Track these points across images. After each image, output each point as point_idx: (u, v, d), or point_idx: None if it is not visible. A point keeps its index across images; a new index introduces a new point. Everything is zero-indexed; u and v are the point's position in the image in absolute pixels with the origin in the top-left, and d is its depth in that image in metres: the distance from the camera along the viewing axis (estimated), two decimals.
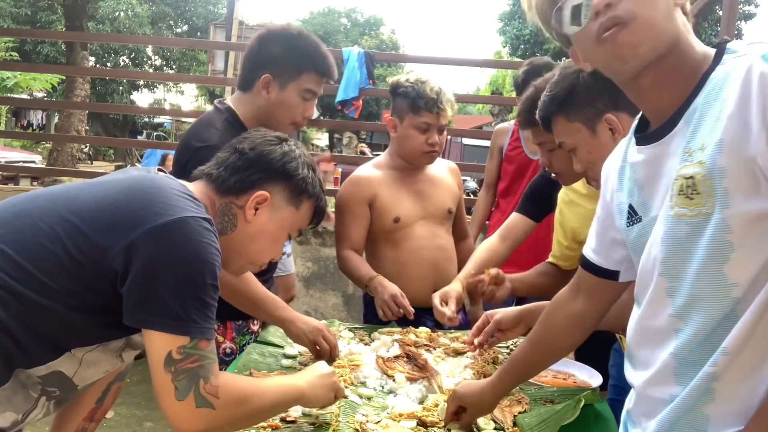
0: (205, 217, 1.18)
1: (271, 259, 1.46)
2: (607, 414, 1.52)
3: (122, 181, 1.26)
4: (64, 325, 1.15)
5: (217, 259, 1.17)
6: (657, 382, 1.00)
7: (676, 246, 0.95)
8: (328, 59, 1.97)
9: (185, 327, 1.10)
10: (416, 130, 2.26)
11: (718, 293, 0.91)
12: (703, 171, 0.90)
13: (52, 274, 1.12)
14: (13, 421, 1.15)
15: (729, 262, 0.89)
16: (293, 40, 1.94)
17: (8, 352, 1.11)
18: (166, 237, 1.12)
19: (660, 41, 0.94)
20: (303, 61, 1.92)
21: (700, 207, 0.91)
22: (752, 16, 22.19)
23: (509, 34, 22.72)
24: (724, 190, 0.88)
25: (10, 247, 1.13)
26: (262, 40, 1.96)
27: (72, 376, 1.22)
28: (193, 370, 1.10)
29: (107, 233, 1.13)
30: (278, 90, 1.91)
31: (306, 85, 1.93)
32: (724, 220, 0.88)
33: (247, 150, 1.38)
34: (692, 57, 0.97)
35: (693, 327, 0.94)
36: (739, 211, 0.87)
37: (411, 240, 2.30)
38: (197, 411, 1.10)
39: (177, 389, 1.09)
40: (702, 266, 0.92)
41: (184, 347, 1.10)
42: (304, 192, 1.40)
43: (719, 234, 0.89)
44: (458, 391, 1.43)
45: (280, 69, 1.91)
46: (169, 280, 1.10)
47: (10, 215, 1.20)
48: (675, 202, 0.94)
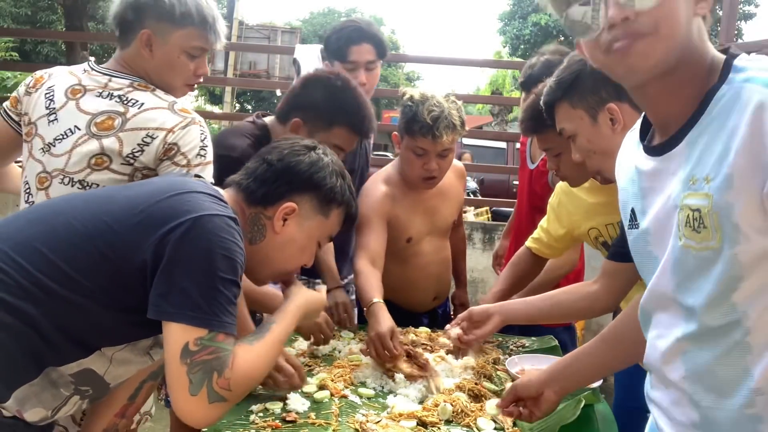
0: (230, 216, 1.21)
1: (304, 266, 1.47)
2: (607, 414, 1.52)
3: (155, 182, 1.30)
4: (93, 323, 1.17)
5: (241, 257, 1.19)
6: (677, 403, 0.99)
7: (687, 277, 0.94)
8: (365, 119, 1.92)
9: (205, 319, 1.12)
10: (412, 154, 2.09)
11: (728, 321, 0.90)
12: (709, 205, 0.87)
13: (85, 271, 1.14)
14: (42, 416, 1.17)
15: (737, 291, 0.89)
16: (335, 89, 1.90)
17: (37, 349, 1.13)
18: (192, 232, 1.14)
19: (673, 55, 0.90)
20: (337, 114, 1.89)
21: (708, 241, 0.89)
22: (752, 16, 22.18)
23: (509, 34, 22.69)
24: (734, 226, 0.86)
25: (44, 244, 1.16)
26: (305, 83, 1.96)
27: (103, 375, 1.24)
28: (209, 363, 1.11)
29: (137, 231, 1.16)
30: (307, 134, 1.86)
31: (335, 140, 1.87)
32: (735, 257, 0.87)
33: (275, 161, 1.39)
34: (702, 69, 0.93)
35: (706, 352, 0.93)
36: (750, 247, 0.86)
37: (419, 257, 2.27)
38: (210, 407, 1.12)
39: (191, 383, 1.10)
40: (711, 298, 0.91)
41: (201, 339, 1.11)
42: (333, 201, 1.41)
43: (731, 269, 0.88)
44: (518, 388, 1.41)
45: (313, 116, 1.89)
46: (192, 274, 1.12)
47: (50, 214, 1.23)
48: (683, 233, 0.92)
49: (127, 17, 1.65)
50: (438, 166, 2.09)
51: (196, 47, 1.68)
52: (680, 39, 0.90)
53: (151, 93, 1.63)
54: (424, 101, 2.03)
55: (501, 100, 10.95)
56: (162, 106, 1.60)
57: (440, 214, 2.30)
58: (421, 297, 2.32)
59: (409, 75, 32.71)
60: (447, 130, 2.01)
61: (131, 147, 1.56)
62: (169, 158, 1.56)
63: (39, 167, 1.61)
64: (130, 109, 1.58)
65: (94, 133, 1.57)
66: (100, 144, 1.56)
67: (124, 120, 1.57)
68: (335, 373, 1.67)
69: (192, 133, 1.58)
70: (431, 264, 2.29)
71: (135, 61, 1.67)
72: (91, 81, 1.64)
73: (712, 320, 0.92)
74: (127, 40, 1.67)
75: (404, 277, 2.26)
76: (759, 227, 0.85)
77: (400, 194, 2.20)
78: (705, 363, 0.93)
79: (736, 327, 0.89)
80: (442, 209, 2.30)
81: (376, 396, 1.59)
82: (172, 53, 1.66)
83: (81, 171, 1.57)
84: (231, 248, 1.17)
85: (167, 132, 1.56)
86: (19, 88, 1.72)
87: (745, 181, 0.84)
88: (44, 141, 1.61)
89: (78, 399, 1.23)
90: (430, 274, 2.29)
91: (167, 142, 1.56)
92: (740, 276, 0.88)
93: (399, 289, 2.23)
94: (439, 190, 2.26)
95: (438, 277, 2.33)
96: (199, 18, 1.65)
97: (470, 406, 1.48)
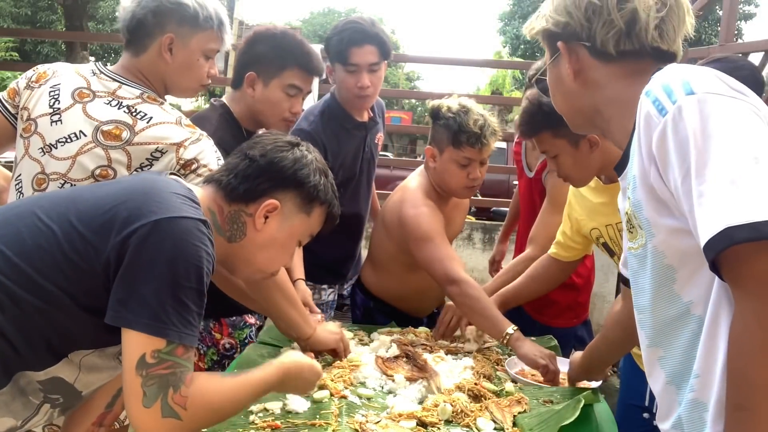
0: (200, 219, 1.15)
1: (283, 266, 1.46)
2: (607, 414, 1.52)
3: (124, 181, 1.25)
4: (60, 328, 1.13)
5: (207, 264, 1.13)
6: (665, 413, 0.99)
7: (634, 278, 1.02)
8: (310, 55, 1.99)
9: (163, 329, 1.06)
10: (456, 165, 2.07)
11: (678, 313, 0.93)
12: (630, 206, 0.98)
13: (49, 275, 1.10)
14: (10, 426, 1.14)
15: (677, 282, 0.93)
16: (276, 38, 1.99)
17: (6, 357, 1.09)
18: (156, 235, 1.09)
19: (578, 120, 1.17)
20: (285, 58, 1.95)
21: (638, 239, 0.98)
22: (752, 16, 22.20)
23: (509, 34, 22.72)
24: (647, 221, 0.94)
25: (9, 248, 1.12)
26: (249, 41, 2.03)
27: (73, 383, 1.20)
28: (164, 377, 1.06)
29: (102, 232, 1.11)
30: (262, 87, 1.97)
31: (289, 80, 1.96)
32: (656, 248, 0.94)
33: (258, 157, 1.34)
34: (619, 104, 1.06)
35: (672, 352, 0.95)
36: (663, 236, 0.93)
37: None
38: (163, 420, 1.06)
39: (145, 395, 1.05)
40: (654, 292, 0.96)
41: (159, 351, 1.06)
42: (315, 199, 1.37)
43: (658, 261, 0.94)
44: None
45: (264, 66, 1.96)
46: (152, 279, 1.07)
47: (13, 216, 1.19)
48: (628, 237, 1.01)
49: (147, 21, 1.64)
50: (481, 174, 2.11)
51: (213, 49, 1.72)
52: (571, 105, 1.15)
53: (159, 107, 1.62)
54: (467, 112, 2.03)
55: (501, 100, 10.91)
56: (170, 120, 1.60)
57: (455, 224, 2.31)
58: (426, 304, 2.35)
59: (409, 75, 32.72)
60: (492, 137, 2.05)
61: (139, 161, 1.55)
62: (192, 171, 1.57)
63: (37, 167, 1.59)
64: (138, 122, 1.57)
65: (101, 142, 1.56)
66: (107, 155, 1.55)
67: (132, 133, 1.56)
68: (335, 373, 1.66)
69: (207, 147, 1.61)
70: None
71: (151, 67, 1.66)
72: (101, 86, 1.62)
73: (661, 313, 0.96)
74: (144, 45, 1.65)
75: (415, 285, 2.24)
76: (660, 214, 0.92)
77: (434, 205, 2.15)
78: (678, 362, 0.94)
79: (687, 317, 0.92)
80: (456, 219, 2.31)
81: (376, 396, 1.59)
82: (192, 56, 1.68)
83: (84, 180, 1.56)
84: (197, 254, 1.11)
85: (178, 146, 1.56)
86: (18, 80, 1.69)
87: (643, 178, 0.93)
88: (44, 141, 1.59)
89: (49, 407, 1.19)
90: (436, 285, 2.23)
91: (182, 157, 1.56)
92: (670, 265, 0.93)
93: (407, 297, 2.26)
94: (454, 201, 2.25)
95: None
96: (218, 21, 1.69)
97: (470, 406, 1.48)
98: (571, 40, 1.08)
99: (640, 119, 0.93)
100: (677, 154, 0.86)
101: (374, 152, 2.52)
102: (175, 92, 1.72)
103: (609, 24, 1.03)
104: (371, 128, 2.46)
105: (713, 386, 0.87)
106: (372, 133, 2.47)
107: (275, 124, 1.98)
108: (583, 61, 1.08)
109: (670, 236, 0.92)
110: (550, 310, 2.40)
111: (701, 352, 0.89)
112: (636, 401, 1.83)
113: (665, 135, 0.87)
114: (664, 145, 0.88)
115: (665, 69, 0.97)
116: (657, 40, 1.03)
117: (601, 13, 1.03)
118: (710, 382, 0.87)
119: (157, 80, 1.68)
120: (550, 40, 1.13)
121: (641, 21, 1.02)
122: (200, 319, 1.13)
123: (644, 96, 0.93)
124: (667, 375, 0.97)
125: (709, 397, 0.88)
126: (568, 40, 1.08)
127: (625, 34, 1.03)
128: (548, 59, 1.15)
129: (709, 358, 0.87)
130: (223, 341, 1.98)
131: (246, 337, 2.02)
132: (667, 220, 0.91)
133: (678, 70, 0.94)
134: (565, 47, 1.09)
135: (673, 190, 0.88)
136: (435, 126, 2.12)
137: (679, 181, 0.86)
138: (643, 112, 0.92)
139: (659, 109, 0.89)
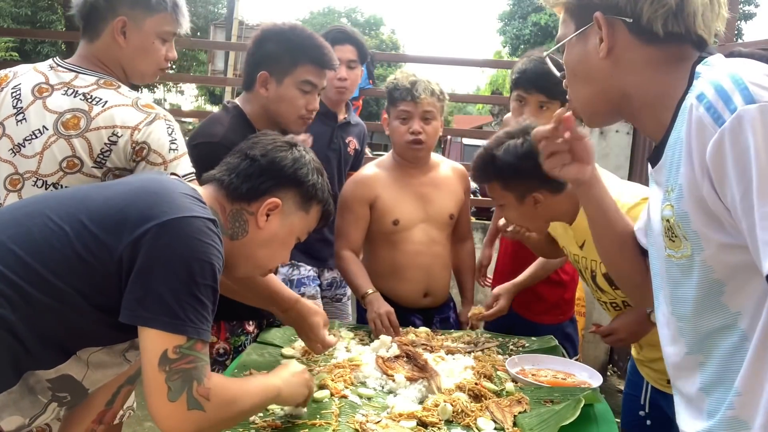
0: (210, 218, 1.18)
1: (281, 263, 1.48)
2: (607, 414, 1.52)
3: (132, 182, 1.27)
4: (71, 326, 1.14)
5: (218, 261, 1.16)
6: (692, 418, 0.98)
7: (675, 287, 0.97)
8: (322, 48, 1.97)
9: (182, 326, 1.09)
10: (398, 121, 2.26)
11: (724, 323, 0.90)
12: (673, 215, 0.92)
13: (61, 274, 1.12)
14: (19, 425, 1.15)
15: (725, 294, 0.89)
16: (285, 34, 1.95)
17: (16, 355, 1.11)
18: (169, 234, 1.12)
19: (600, 106, 1.06)
20: (296, 54, 1.92)
21: (681, 249, 0.92)
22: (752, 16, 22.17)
23: (509, 34, 22.69)
24: (695, 234, 0.89)
25: (20, 247, 1.13)
26: (257, 40, 1.99)
27: (81, 380, 1.22)
28: (188, 371, 1.09)
29: (114, 232, 1.13)
30: (276, 86, 1.93)
31: (303, 77, 1.93)
32: (704, 262, 0.89)
33: (258, 156, 1.38)
34: (655, 92, 0.98)
35: (711, 360, 0.93)
36: (713, 251, 0.88)
37: (409, 244, 2.29)
38: (188, 413, 1.09)
39: (170, 390, 1.08)
40: (700, 302, 0.92)
41: (180, 347, 1.09)
42: (313, 197, 1.42)
43: (706, 274, 0.90)
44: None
45: (276, 65, 1.92)
46: (168, 278, 1.10)
47: (22, 216, 1.20)
48: (666, 244, 0.96)
49: (99, 5, 1.63)
50: (423, 130, 2.23)
51: (169, 32, 1.70)
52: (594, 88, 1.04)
53: (115, 90, 1.60)
54: (401, 75, 2.29)
55: (501, 100, 10.83)
56: (125, 103, 1.57)
57: (434, 204, 2.33)
58: (409, 288, 2.31)
59: None
60: (426, 92, 2.21)
61: (99, 147, 1.54)
62: (143, 158, 1.54)
63: (9, 169, 1.58)
64: (93, 107, 1.55)
65: (62, 133, 1.55)
66: (71, 145, 1.54)
67: (89, 119, 1.54)
68: (335, 373, 1.67)
69: (159, 129, 1.56)
70: (421, 253, 2.30)
71: (106, 52, 1.65)
72: (57, 78, 1.61)
73: (706, 322, 0.92)
74: (97, 30, 1.65)
75: (392, 262, 2.29)
76: (712, 229, 0.87)
77: (389, 176, 2.32)
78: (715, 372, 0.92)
79: (733, 328, 0.89)
80: (436, 199, 2.33)
81: (376, 396, 1.59)
82: (146, 39, 1.67)
83: (54, 174, 1.55)
84: (209, 252, 1.14)
85: (132, 130, 1.54)
86: None
87: (692, 189, 0.87)
88: (13, 142, 1.58)
89: (56, 406, 1.21)
90: (419, 263, 2.29)
91: (135, 141, 1.53)
92: (719, 280, 0.89)
93: (386, 276, 2.27)
94: (433, 180, 2.35)
95: (428, 270, 2.31)
96: (171, 3, 1.67)
97: (470, 406, 1.48)
98: (611, 12, 0.98)
99: (691, 125, 0.86)
100: (736, 168, 0.80)
101: (344, 148, 2.71)
102: (134, 77, 1.70)
103: (659, 1, 0.94)
104: (343, 127, 2.71)
105: (758, 407, 0.85)
106: (343, 130, 2.71)
107: (293, 123, 1.96)
108: (620, 38, 0.98)
109: (721, 251, 0.87)
110: (537, 307, 2.41)
111: (746, 371, 0.87)
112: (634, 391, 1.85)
113: (722, 147, 0.81)
114: (721, 158, 0.81)
115: (712, 63, 0.92)
116: (701, 28, 0.96)
117: None
118: (755, 402, 0.86)
119: (115, 65, 1.67)
120: (582, 11, 1.01)
121: (693, 4, 0.95)
122: (213, 315, 1.16)
123: (695, 99, 0.86)
124: (701, 381, 0.95)
125: (753, 417, 0.86)
126: (608, 12, 0.98)
127: (673, 14, 0.94)
128: (572, 31, 1.04)
129: (755, 378, 0.86)
130: (217, 345, 1.96)
131: (241, 344, 2.00)
132: (719, 235, 0.86)
133: (730, 68, 0.87)
134: (605, 19, 0.98)
135: (730, 206, 0.83)
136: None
137: (738, 197, 0.80)
138: (694, 118, 0.85)
139: (715, 118, 0.82)
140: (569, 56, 1.07)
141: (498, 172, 1.78)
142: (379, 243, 2.32)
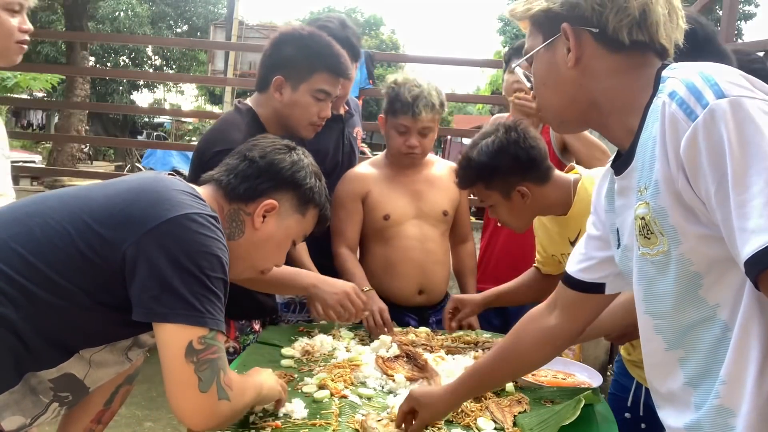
0: (211, 215, 1.20)
1: (275, 265, 1.48)
2: (607, 414, 1.52)
3: (132, 181, 1.29)
4: (74, 325, 1.15)
5: (224, 254, 1.19)
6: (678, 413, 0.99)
7: (650, 284, 0.98)
8: (339, 57, 1.95)
9: (202, 318, 1.12)
10: (395, 131, 2.24)
11: (703, 316, 0.91)
12: (649, 211, 0.93)
13: (64, 272, 1.13)
14: (20, 424, 1.16)
15: (703, 287, 0.91)
16: (304, 40, 1.93)
17: (18, 355, 1.11)
18: (176, 231, 1.14)
19: (569, 114, 1.08)
20: (314, 61, 1.91)
21: (657, 246, 0.94)
22: (752, 16, 22.19)
23: (509, 34, 22.70)
24: (672, 228, 0.90)
25: (23, 246, 1.14)
26: (274, 42, 1.96)
27: (83, 379, 1.22)
28: (214, 361, 1.12)
29: (117, 230, 1.14)
30: (291, 91, 1.92)
31: (318, 85, 1.92)
32: (682, 256, 0.91)
33: (257, 158, 1.39)
34: (622, 99, 1.00)
35: (694, 354, 0.94)
36: (691, 243, 0.89)
37: (401, 239, 2.29)
38: (219, 403, 1.11)
39: (201, 380, 1.09)
40: (679, 297, 0.93)
41: (204, 338, 1.11)
42: (310, 201, 1.43)
43: (683, 268, 0.91)
44: (414, 392, 1.39)
45: (292, 70, 1.90)
46: (181, 274, 1.11)
47: (23, 215, 1.21)
48: (639, 243, 0.97)
49: None
50: (419, 143, 2.23)
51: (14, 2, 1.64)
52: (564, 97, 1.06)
53: None
54: (405, 83, 2.20)
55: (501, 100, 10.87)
56: None
57: (427, 200, 2.32)
58: (402, 285, 2.29)
59: None
60: (426, 109, 2.17)
61: None
62: None
63: None
64: None
65: None
66: None
67: None
68: (335, 373, 1.67)
69: None
70: (414, 249, 2.29)
71: None
72: None
73: (685, 317, 0.93)
74: None
75: (384, 258, 2.29)
76: (689, 222, 0.88)
77: (380, 173, 2.33)
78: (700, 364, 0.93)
79: (712, 320, 0.90)
80: (428, 195, 2.33)
81: (376, 396, 1.59)
82: None
83: None
84: (215, 246, 1.17)
85: None
86: None
87: (667, 184, 0.89)
88: None
89: (57, 406, 1.21)
90: (411, 258, 2.28)
91: None
92: (697, 272, 0.90)
93: (379, 273, 2.27)
94: (426, 177, 2.35)
95: (421, 266, 2.30)
96: None
97: (470, 406, 1.48)
98: (578, 23, 1.01)
99: (664, 122, 0.88)
100: (710, 161, 0.82)
101: (354, 145, 2.63)
102: None
103: (623, 11, 0.97)
104: (348, 120, 2.59)
105: (743, 394, 0.86)
106: (349, 125, 2.60)
107: (303, 128, 1.95)
108: (587, 47, 1.01)
109: (698, 243, 0.89)
110: None
111: (730, 359, 0.88)
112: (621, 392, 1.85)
113: (696, 141, 0.83)
114: (695, 152, 0.83)
115: (680, 66, 0.94)
116: (663, 38, 1.00)
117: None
118: (739, 389, 0.87)
119: None
120: (549, 22, 1.04)
121: (654, 14, 0.98)
122: (224, 306, 1.18)
123: (667, 97, 0.89)
124: (686, 376, 0.96)
125: (738, 404, 0.87)
126: (574, 23, 1.01)
127: (637, 24, 0.98)
128: (540, 43, 1.07)
129: (738, 365, 0.87)
130: (227, 344, 1.96)
131: (249, 343, 2.01)
132: (696, 228, 0.88)
133: (699, 68, 0.89)
134: (572, 30, 1.01)
135: (704, 198, 0.85)
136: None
137: (712, 189, 0.82)
138: (667, 115, 0.88)
139: (687, 113, 0.85)
140: (538, 67, 1.09)
141: (477, 175, 1.79)
142: (372, 239, 2.32)
